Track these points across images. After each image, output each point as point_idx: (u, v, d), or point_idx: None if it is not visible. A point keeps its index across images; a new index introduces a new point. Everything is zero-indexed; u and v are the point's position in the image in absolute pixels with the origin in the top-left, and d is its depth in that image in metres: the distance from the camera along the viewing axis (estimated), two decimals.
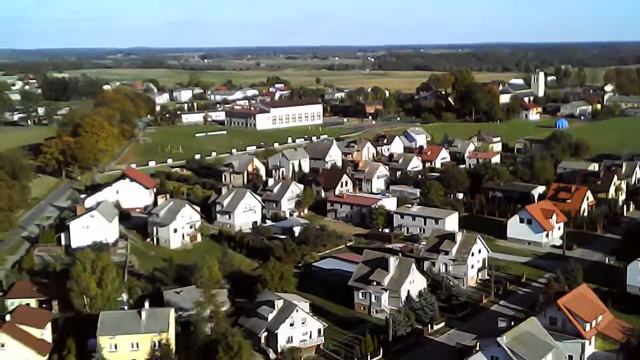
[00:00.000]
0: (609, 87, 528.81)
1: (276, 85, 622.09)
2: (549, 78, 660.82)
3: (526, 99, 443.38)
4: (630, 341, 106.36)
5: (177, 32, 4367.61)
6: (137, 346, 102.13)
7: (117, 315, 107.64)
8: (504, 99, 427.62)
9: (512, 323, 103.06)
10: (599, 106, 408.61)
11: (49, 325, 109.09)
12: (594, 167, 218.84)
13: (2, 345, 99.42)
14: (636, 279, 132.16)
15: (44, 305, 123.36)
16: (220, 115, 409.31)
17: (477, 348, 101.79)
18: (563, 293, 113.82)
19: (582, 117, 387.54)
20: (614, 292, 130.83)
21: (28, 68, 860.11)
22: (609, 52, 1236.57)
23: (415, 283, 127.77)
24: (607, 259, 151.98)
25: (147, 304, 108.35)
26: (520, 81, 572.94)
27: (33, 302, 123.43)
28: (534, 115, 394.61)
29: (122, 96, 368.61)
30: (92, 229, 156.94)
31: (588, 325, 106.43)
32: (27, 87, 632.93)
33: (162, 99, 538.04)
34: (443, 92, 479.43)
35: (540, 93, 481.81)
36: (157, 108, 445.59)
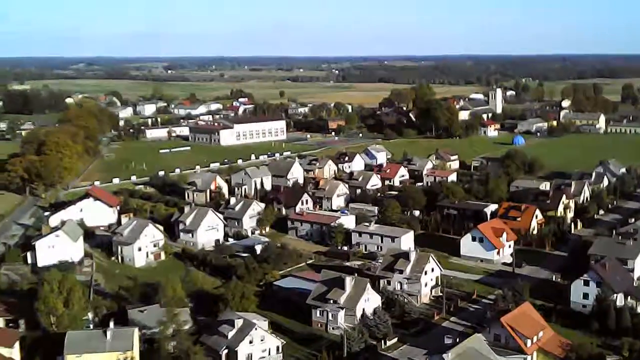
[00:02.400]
0: (566, 103, 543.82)
1: (240, 100, 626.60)
2: (509, 93, 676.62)
3: (485, 116, 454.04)
4: (569, 356, 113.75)
5: (141, 42, 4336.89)
6: None
7: (83, 335, 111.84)
8: (463, 115, 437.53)
9: (458, 340, 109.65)
10: (555, 123, 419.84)
11: (17, 344, 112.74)
12: (545, 185, 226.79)
13: None
14: (579, 295, 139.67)
15: (10, 325, 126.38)
16: (184, 131, 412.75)
17: None
18: (507, 311, 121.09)
19: (539, 134, 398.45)
20: (559, 309, 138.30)
21: None
22: (570, 65, 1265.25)
23: (370, 301, 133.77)
24: (553, 276, 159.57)
25: (112, 324, 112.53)
26: (480, 96, 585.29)
27: (0, 322, 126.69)
28: (492, 131, 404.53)
29: (86, 113, 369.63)
30: (57, 248, 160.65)
31: (529, 341, 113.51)
32: None
33: (125, 112, 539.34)
34: (404, 108, 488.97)
35: (499, 109, 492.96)
36: (121, 122, 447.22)
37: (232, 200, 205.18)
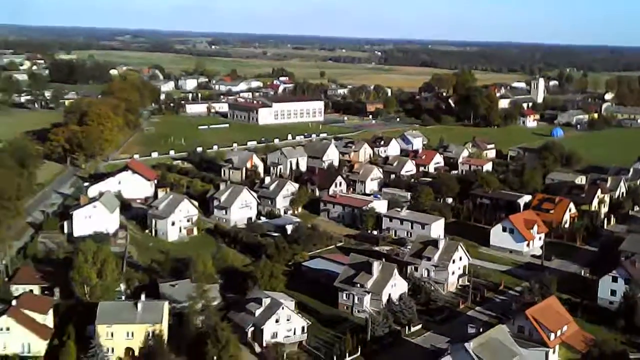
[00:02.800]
0: (609, 96, 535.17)
1: (280, 78, 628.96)
2: (552, 83, 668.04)
3: (525, 105, 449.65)
4: (591, 351, 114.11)
5: (186, 15, 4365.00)
6: (132, 335, 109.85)
7: (114, 306, 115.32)
8: (503, 104, 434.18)
9: (481, 329, 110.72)
10: (596, 115, 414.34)
11: (51, 312, 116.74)
12: (581, 179, 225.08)
13: (7, 329, 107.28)
14: (607, 292, 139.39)
15: (46, 292, 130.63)
16: (223, 107, 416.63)
17: (448, 351, 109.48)
18: (533, 303, 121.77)
19: (579, 126, 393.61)
20: (585, 304, 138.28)
21: (35, 47, 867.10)
22: (615, 56, 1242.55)
23: (397, 287, 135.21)
24: (582, 271, 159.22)
25: (143, 296, 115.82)
26: (522, 84, 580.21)
27: (36, 289, 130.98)
28: (531, 122, 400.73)
29: (129, 85, 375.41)
30: (94, 219, 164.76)
31: (553, 334, 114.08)
32: (34, 67, 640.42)
33: (167, 86, 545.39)
34: (444, 94, 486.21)
35: (539, 99, 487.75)
36: (162, 96, 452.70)
37: (267, 180, 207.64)
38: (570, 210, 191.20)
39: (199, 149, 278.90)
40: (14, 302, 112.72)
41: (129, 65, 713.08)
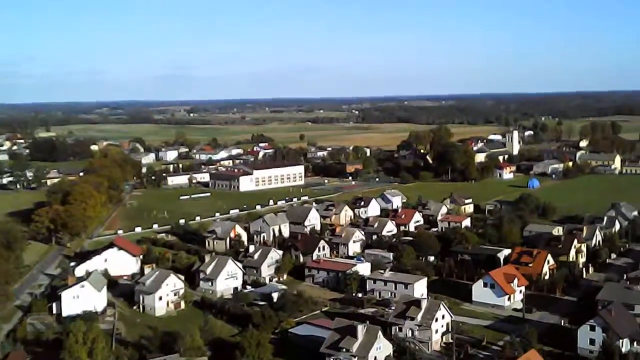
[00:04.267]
0: (583, 143, 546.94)
1: (260, 144, 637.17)
2: (527, 133, 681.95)
3: (501, 158, 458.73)
4: None
5: (164, 85, 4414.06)
6: None
7: None
8: (480, 157, 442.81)
9: None
10: (570, 164, 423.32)
11: None
12: (558, 230, 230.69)
13: None
14: (586, 341, 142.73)
15: None
16: (204, 177, 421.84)
17: None
18: (514, 358, 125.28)
19: (554, 176, 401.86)
20: (567, 354, 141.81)
21: (15, 125, 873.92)
22: (590, 102, 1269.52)
23: (382, 349, 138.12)
24: (562, 321, 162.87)
25: None
26: (498, 137, 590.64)
27: None
28: (507, 174, 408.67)
29: (110, 162, 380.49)
30: (82, 298, 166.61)
31: None
32: (14, 147, 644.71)
33: (148, 159, 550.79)
34: (422, 151, 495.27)
35: (515, 151, 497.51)
36: (143, 169, 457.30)
37: (251, 248, 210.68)
38: (548, 262, 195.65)
39: (182, 221, 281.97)
40: None
41: (108, 139, 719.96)
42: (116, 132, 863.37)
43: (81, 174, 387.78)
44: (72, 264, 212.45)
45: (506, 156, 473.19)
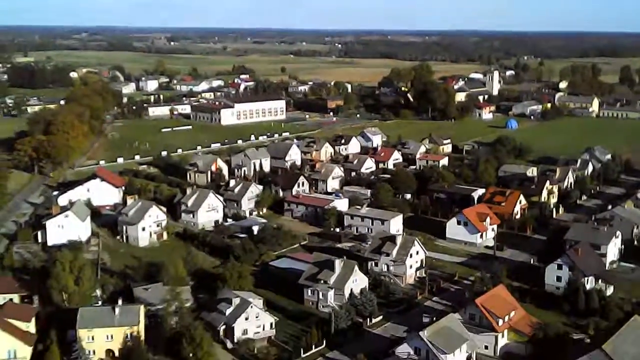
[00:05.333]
0: (563, 85, 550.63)
1: (241, 77, 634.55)
2: (508, 73, 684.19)
3: (481, 98, 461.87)
4: (536, 334, 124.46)
5: (144, 11, 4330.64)
6: (112, 337, 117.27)
7: (94, 311, 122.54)
8: (460, 97, 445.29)
9: (435, 318, 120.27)
10: (549, 105, 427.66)
11: (33, 319, 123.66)
12: (532, 171, 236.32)
13: None
14: (553, 278, 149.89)
15: (25, 300, 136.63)
16: (186, 109, 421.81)
17: (406, 340, 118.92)
18: (482, 293, 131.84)
19: (532, 117, 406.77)
20: (534, 290, 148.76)
21: None
22: (573, 43, 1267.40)
23: (358, 282, 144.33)
24: (531, 259, 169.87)
25: (120, 301, 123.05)
26: (480, 76, 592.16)
27: (16, 298, 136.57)
28: (487, 114, 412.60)
29: (91, 91, 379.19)
30: (66, 228, 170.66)
31: (501, 320, 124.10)
32: None
33: (128, 88, 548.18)
34: (403, 89, 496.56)
35: (495, 92, 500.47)
36: (124, 99, 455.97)
37: (232, 182, 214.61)
38: (520, 202, 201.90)
39: (164, 153, 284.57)
40: None
41: (88, 66, 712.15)
42: (95, 59, 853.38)
43: (62, 102, 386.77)
44: (55, 193, 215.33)
45: (486, 96, 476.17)
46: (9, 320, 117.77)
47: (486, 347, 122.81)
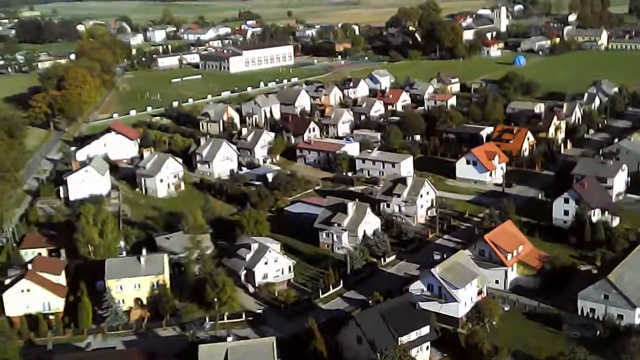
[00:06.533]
0: (572, 17, 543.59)
1: (248, 23, 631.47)
2: (516, 7, 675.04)
3: (489, 35, 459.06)
4: (545, 267, 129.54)
5: None
6: (139, 287, 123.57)
7: (120, 262, 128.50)
8: (468, 35, 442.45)
9: (445, 255, 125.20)
10: (557, 40, 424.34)
11: (63, 272, 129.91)
12: (540, 107, 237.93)
13: (28, 290, 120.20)
14: (560, 212, 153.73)
15: (53, 254, 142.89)
16: (195, 58, 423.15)
17: (418, 277, 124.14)
18: (491, 229, 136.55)
19: (541, 52, 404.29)
20: (542, 225, 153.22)
21: None
22: None
23: (371, 223, 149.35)
24: (539, 195, 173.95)
25: (144, 251, 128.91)
26: (487, 12, 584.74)
27: (44, 252, 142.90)
28: (495, 51, 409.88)
29: (100, 44, 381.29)
30: (87, 182, 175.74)
31: (509, 255, 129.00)
32: (0, 29, 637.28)
33: (136, 40, 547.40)
34: (411, 28, 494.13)
35: (503, 28, 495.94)
36: (133, 51, 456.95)
37: (244, 131, 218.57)
38: (528, 139, 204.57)
39: (175, 104, 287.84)
40: (29, 266, 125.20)
41: (93, 18, 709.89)
42: (101, 10, 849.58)
43: (72, 56, 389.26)
44: (73, 148, 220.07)
45: (494, 33, 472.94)
46: (40, 274, 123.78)
47: (497, 282, 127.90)
